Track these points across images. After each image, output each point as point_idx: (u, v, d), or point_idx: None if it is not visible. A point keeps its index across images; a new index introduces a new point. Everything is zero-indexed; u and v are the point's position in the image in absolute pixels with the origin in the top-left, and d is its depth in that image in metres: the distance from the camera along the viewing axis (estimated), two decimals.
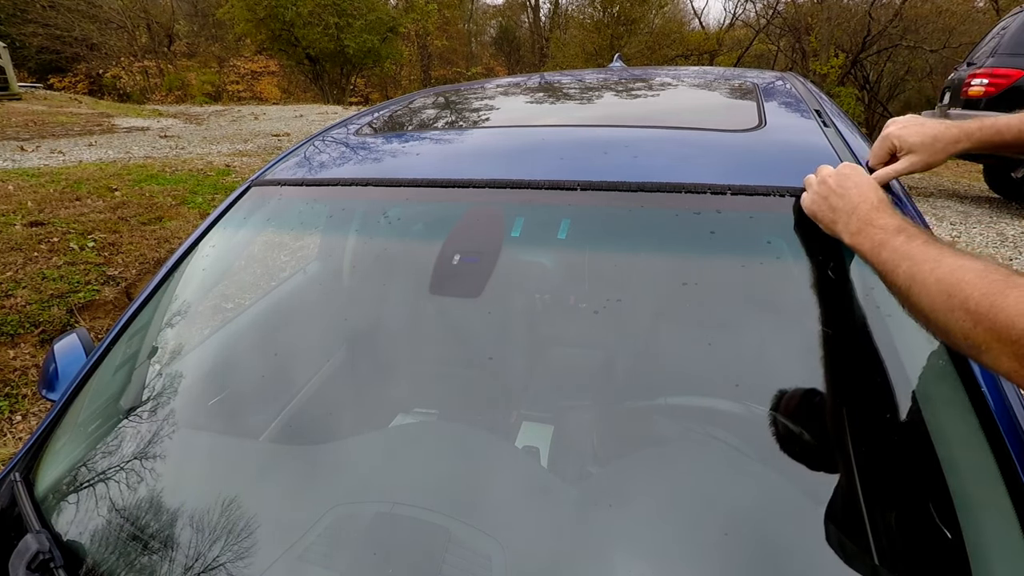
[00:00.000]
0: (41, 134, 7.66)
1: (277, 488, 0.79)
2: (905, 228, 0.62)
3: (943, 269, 0.54)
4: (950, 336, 0.53)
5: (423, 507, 0.72)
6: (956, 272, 0.52)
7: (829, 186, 0.72)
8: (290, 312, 1.46)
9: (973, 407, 0.61)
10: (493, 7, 31.06)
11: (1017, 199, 5.35)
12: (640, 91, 1.54)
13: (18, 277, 3.00)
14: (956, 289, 0.51)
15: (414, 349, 1.08)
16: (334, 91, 20.56)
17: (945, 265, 0.54)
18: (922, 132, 0.76)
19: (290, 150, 1.31)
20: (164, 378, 0.98)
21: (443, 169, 1.02)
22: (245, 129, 9.50)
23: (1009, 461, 0.57)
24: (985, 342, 0.48)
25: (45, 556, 0.67)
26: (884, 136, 0.79)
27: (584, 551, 0.66)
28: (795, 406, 0.75)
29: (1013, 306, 0.46)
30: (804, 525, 0.66)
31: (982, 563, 0.54)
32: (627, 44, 21.74)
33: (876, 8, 16.73)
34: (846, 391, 0.73)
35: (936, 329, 0.55)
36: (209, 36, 23.67)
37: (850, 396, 0.72)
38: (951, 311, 0.51)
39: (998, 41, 4.95)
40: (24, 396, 2.47)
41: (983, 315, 0.48)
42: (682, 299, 0.87)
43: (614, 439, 0.89)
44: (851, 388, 0.73)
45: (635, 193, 0.86)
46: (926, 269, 0.56)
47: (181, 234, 3.83)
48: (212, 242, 1.11)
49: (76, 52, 17.86)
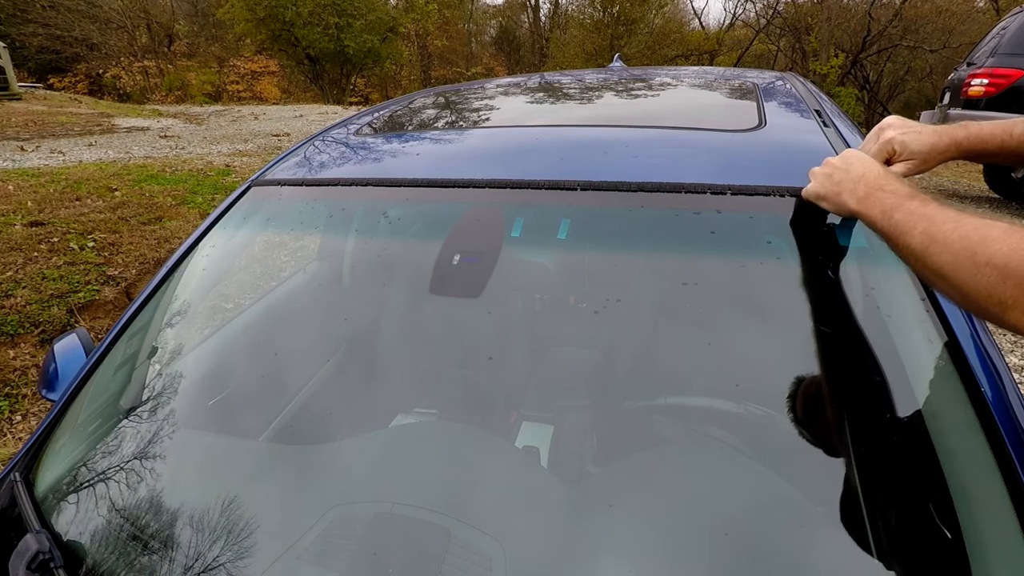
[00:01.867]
0: (41, 134, 7.66)
1: (277, 488, 0.79)
2: (917, 194, 0.63)
3: (966, 227, 0.54)
4: (970, 295, 0.53)
5: (423, 507, 0.72)
6: (980, 230, 0.53)
7: (833, 164, 0.74)
8: (290, 312, 1.46)
9: (973, 407, 0.61)
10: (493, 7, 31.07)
11: (1017, 199, 5.36)
12: (640, 91, 1.54)
13: (18, 277, 3.00)
14: (982, 246, 0.52)
15: (414, 349, 1.08)
16: (334, 91, 20.57)
17: (967, 224, 0.55)
18: (921, 140, 0.76)
19: (290, 150, 1.31)
20: (164, 378, 0.98)
21: (443, 169, 1.02)
22: (245, 129, 9.49)
23: (1009, 461, 0.57)
24: (1013, 297, 0.49)
25: (45, 556, 0.67)
26: (887, 140, 0.78)
27: (584, 551, 0.66)
28: (795, 406, 0.75)
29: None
30: (804, 525, 0.66)
31: (982, 563, 0.54)
32: (627, 44, 21.75)
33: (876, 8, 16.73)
34: (846, 391, 0.73)
35: (954, 289, 0.55)
36: (209, 36, 23.67)
37: (850, 396, 0.72)
38: (976, 268, 0.51)
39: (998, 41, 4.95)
40: (24, 396, 2.47)
41: (1012, 269, 0.49)
42: (682, 299, 0.87)
43: (614, 439, 0.89)
44: (851, 388, 0.73)
45: (635, 193, 0.86)
46: (947, 228, 0.56)
47: (181, 234, 3.83)
48: (212, 242, 1.11)
49: (76, 52, 17.86)
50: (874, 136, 0.79)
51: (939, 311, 0.69)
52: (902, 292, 0.74)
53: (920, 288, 0.72)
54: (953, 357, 0.65)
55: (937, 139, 0.75)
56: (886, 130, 0.79)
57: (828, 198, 0.73)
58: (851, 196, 0.68)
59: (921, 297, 0.71)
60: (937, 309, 0.69)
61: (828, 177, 0.73)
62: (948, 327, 0.67)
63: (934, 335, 0.68)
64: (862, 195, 0.67)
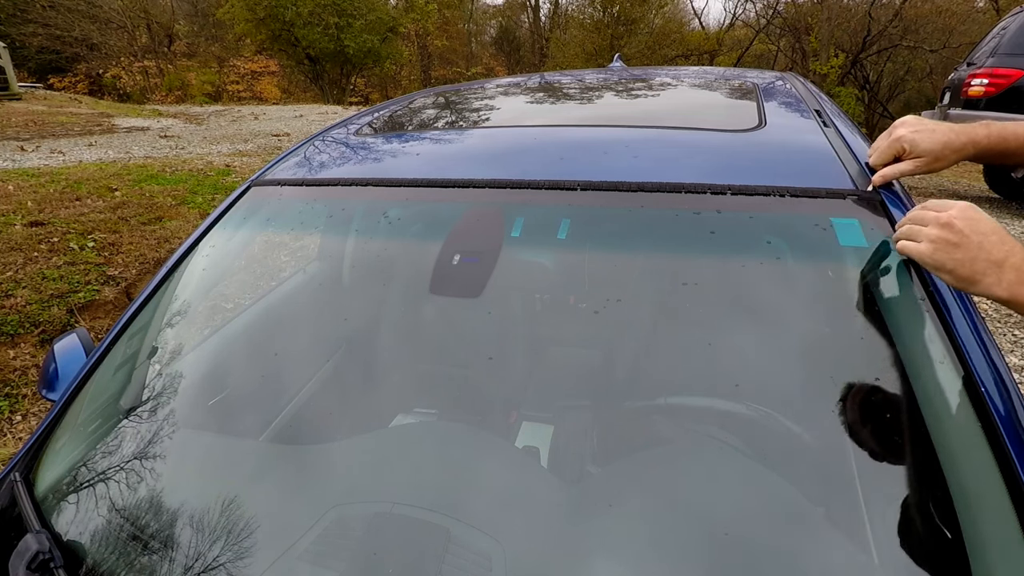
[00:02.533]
0: (41, 134, 7.66)
1: (277, 488, 0.79)
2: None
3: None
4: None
5: (423, 507, 0.72)
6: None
7: (956, 229, 0.65)
8: (290, 312, 1.46)
9: (973, 407, 0.61)
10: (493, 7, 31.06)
11: (1017, 199, 5.35)
12: (640, 91, 1.54)
13: (18, 277, 3.00)
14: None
15: (414, 349, 1.08)
16: (334, 91, 20.57)
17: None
18: (933, 139, 0.74)
19: (290, 150, 1.31)
20: (164, 378, 0.98)
21: (443, 169, 1.02)
22: (245, 129, 9.49)
23: (1009, 461, 0.57)
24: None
25: (45, 556, 0.67)
26: (896, 138, 0.77)
27: (584, 551, 0.66)
28: (795, 406, 0.74)
29: None
30: (804, 525, 0.66)
31: (982, 563, 0.54)
32: (627, 44, 21.75)
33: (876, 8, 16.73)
34: (845, 391, 0.73)
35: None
36: (209, 36, 23.66)
37: (850, 396, 0.72)
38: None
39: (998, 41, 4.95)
40: (24, 396, 2.47)
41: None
42: (682, 299, 0.87)
43: (614, 439, 0.89)
44: (851, 388, 0.73)
45: (635, 193, 0.86)
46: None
47: (181, 234, 3.83)
48: (212, 242, 1.11)
49: (76, 52, 17.85)
50: (886, 134, 0.79)
51: (939, 311, 0.68)
52: (902, 292, 0.74)
53: (920, 288, 0.72)
54: (953, 357, 0.65)
55: (953, 137, 0.73)
56: (898, 128, 0.78)
57: (955, 274, 0.64)
58: (997, 284, 0.62)
59: (921, 297, 0.71)
60: (937, 309, 0.69)
61: (954, 247, 0.64)
62: (948, 327, 0.67)
63: (934, 335, 0.68)
64: (1015, 282, 0.61)
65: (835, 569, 0.61)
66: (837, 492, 0.68)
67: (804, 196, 0.81)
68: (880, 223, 0.78)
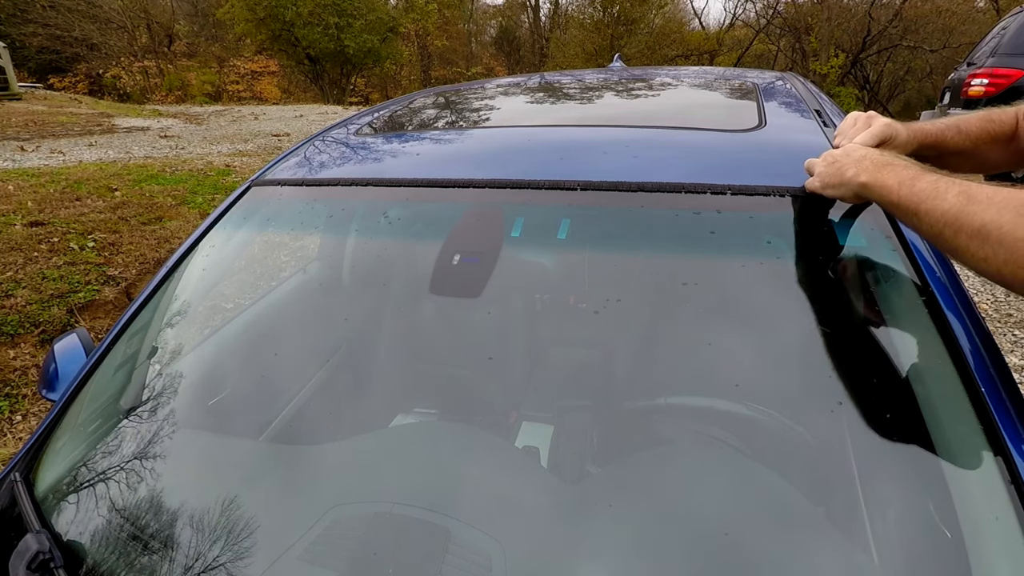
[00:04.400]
0: (41, 134, 7.66)
1: (277, 488, 0.79)
2: (933, 168, 0.65)
3: (1004, 189, 0.56)
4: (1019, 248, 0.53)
5: (423, 507, 0.72)
6: (1021, 188, 0.54)
7: (833, 155, 0.76)
8: (290, 312, 1.46)
9: (973, 407, 0.61)
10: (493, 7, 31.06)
11: None
12: (640, 91, 1.54)
13: (18, 277, 3.00)
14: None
15: (414, 349, 1.08)
16: (334, 91, 20.57)
17: (1004, 187, 0.56)
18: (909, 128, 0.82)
19: (290, 150, 1.31)
20: (164, 378, 0.98)
21: (443, 169, 1.02)
22: (245, 129, 9.50)
23: (1009, 461, 0.57)
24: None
25: (45, 556, 0.67)
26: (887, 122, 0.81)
27: (584, 551, 0.66)
28: (795, 406, 0.75)
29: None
30: (804, 525, 0.66)
31: (982, 563, 0.54)
32: (627, 44, 21.75)
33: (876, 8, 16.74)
34: (846, 391, 0.73)
35: (997, 245, 0.54)
36: (209, 36, 23.66)
37: (850, 396, 0.72)
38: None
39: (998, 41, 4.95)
40: (24, 396, 2.47)
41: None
42: (682, 299, 0.87)
43: (614, 439, 0.89)
44: (851, 388, 0.73)
45: (635, 193, 0.86)
46: (987, 189, 0.57)
47: (181, 234, 3.83)
48: (212, 242, 1.11)
49: (76, 52, 17.85)
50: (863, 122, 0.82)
51: (939, 312, 0.68)
52: (902, 292, 0.74)
53: (920, 288, 0.72)
54: (953, 357, 0.65)
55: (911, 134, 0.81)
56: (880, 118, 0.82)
57: (832, 183, 0.74)
58: (860, 171, 0.69)
59: (921, 297, 0.71)
60: (937, 310, 0.69)
61: (830, 164, 0.75)
62: (948, 327, 0.67)
63: (934, 335, 0.68)
64: (872, 168, 0.68)
65: (835, 569, 0.61)
66: (837, 492, 0.68)
67: (804, 196, 0.81)
68: (880, 223, 0.78)
